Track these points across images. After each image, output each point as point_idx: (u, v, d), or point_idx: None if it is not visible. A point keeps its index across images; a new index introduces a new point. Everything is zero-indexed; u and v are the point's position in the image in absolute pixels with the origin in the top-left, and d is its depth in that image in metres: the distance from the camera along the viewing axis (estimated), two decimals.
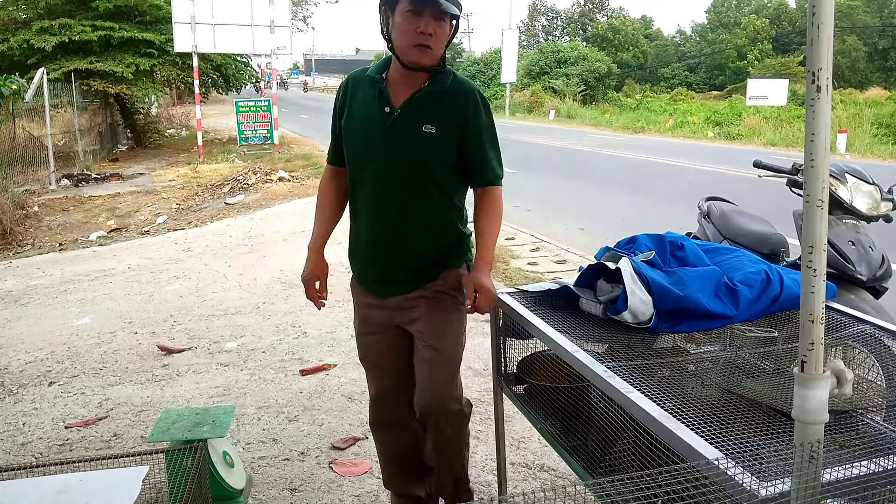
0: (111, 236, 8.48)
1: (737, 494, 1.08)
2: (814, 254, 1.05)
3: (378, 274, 2.22)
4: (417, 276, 2.17)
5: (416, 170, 2.07)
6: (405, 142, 2.05)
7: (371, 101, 2.09)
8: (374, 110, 2.07)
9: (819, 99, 1.01)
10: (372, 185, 2.11)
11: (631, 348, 1.75)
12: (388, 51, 2.09)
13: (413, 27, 1.95)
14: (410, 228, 2.12)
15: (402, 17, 1.97)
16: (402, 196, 2.09)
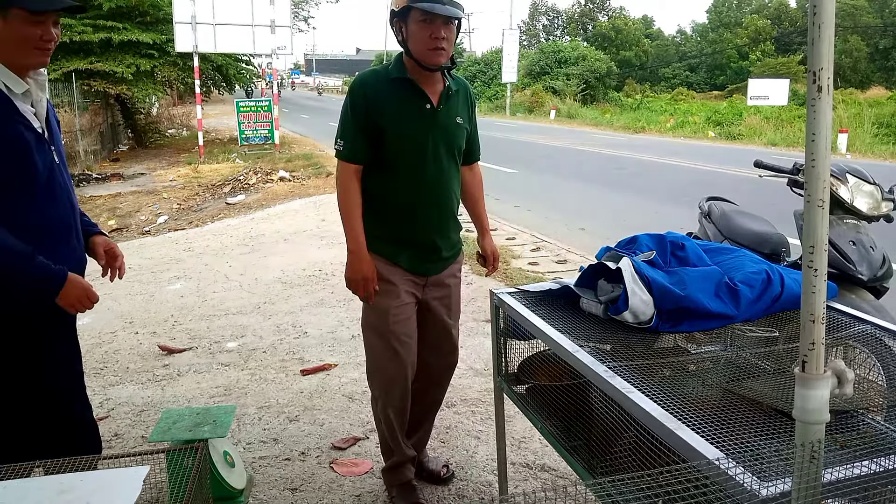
0: (112, 236, 8.48)
1: (737, 494, 1.08)
2: (814, 254, 1.05)
3: (423, 253, 2.49)
4: (449, 252, 2.55)
5: (453, 155, 2.46)
6: (449, 132, 2.42)
7: (408, 99, 2.36)
8: (415, 106, 2.36)
9: (820, 99, 1.01)
10: (422, 172, 2.39)
11: (632, 348, 1.75)
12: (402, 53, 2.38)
13: (427, 33, 2.24)
14: (449, 203, 2.49)
15: (416, 25, 2.26)
16: (444, 177, 2.45)
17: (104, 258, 2.30)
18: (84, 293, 1.97)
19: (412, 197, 2.42)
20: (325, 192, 10.32)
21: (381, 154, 2.38)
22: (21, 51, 1.90)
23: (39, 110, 2.01)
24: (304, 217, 8.66)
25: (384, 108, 2.34)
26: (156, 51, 15.98)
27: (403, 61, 2.37)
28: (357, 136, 2.36)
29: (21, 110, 1.93)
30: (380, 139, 2.35)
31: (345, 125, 2.39)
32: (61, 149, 2.12)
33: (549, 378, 2.02)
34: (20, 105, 1.93)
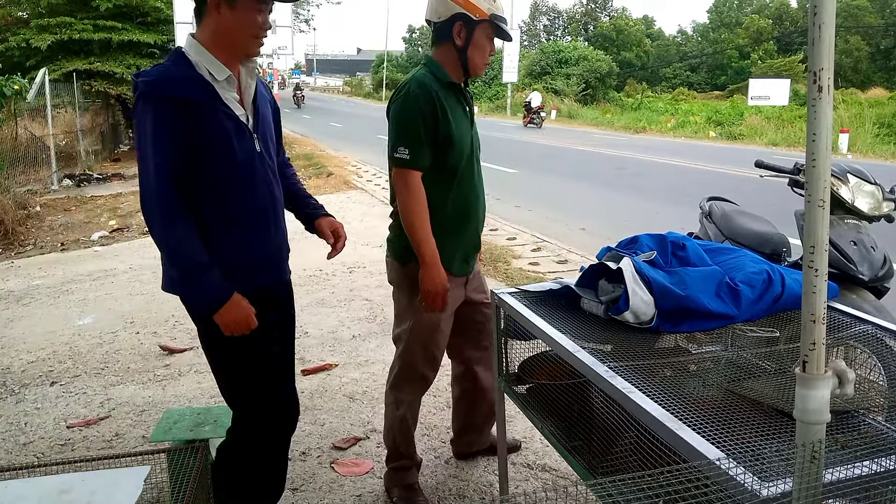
0: (113, 236, 8.48)
1: (738, 494, 1.08)
2: (815, 254, 1.05)
3: (471, 253, 2.56)
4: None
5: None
6: (477, 133, 2.55)
7: (459, 103, 2.45)
8: (463, 111, 2.46)
9: (821, 99, 1.01)
10: (474, 175, 2.49)
11: (632, 348, 1.75)
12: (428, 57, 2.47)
13: (489, 49, 2.43)
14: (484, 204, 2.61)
15: (485, 40, 2.40)
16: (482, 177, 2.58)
17: (331, 238, 2.26)
18: (243, 319, 1.90)
19: (469, 201, 2.48)
20: (326, 192, 10.33)
21: (445, 160, 2.37)
22: (243, 39, 1.91)
23: (246, 98, 1.98)
24: None
25: (450, 114, 2.36)
26: (157, 50, 15.98)
27: (442, 66, 2.40)
28: (424, 144, 2.31)
29: (223, 98, 1.89)
30: (447, 146, 2.35)
31: (410, 132, 2.30)
32: (268, 136, 2.06)
33: (549, 378, 2.02)
34: (222, 92, 1.89)
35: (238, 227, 1.95)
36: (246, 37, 1.91)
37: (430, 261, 2.32)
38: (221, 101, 1.89)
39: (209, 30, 1.92)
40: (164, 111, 1.79)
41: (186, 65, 1.88)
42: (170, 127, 1.79)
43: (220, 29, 1.89)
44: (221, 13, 1.88)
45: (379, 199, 9.72)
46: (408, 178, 2.31)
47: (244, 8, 1.88)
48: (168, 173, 1.79)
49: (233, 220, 1.93)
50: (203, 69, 1.88)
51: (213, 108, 1.86)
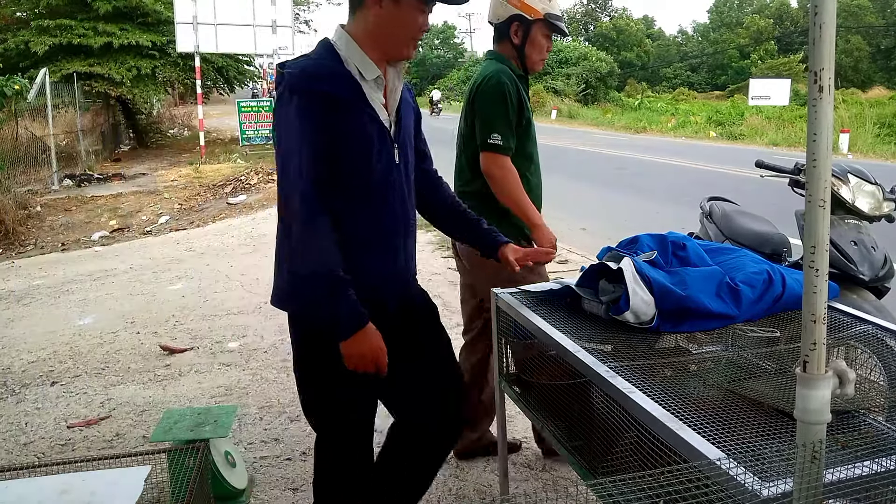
0: (113, 236, 8.49)
1: (739, 495, 1.08)
2: (816, 254, 1.05)
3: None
4: None
5: None
6: None
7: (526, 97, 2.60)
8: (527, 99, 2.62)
9: (821, 99, 1.00)
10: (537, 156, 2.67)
11: (633, 348, 1.75)
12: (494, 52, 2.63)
13: (546, 46, 2.59)
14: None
15: (542, 37, 2.56)
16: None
17: (517, 267, 2.06)
18: (374, 354, 1.69)
19: (540, 186, 2.69)
20: None
21: (524, 146, 2.56)
22: (402, 39, 1.76)
23: (391, 102, 1.81)
24: None
25: (526, 103, 2.56)
26: (157, 52, 15.98)
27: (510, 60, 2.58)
28: (513, 130, 2.49)
29: (369, 99, 1.73)
30: (526, 132, 2.56)
31: (501, 119, 2.46)
32: (408, 146, 1.87)
33: (549, 378, 2.02)
34: (369, 93, 1.73)
35: (370, 247, 1.77)
36: (405, 36, 1.75)
37: (540, 221, 2.51)
38: (367, 102, 1.73)
39: (365, 24, 1.74)
40: (312, 105, 1.64)
41: (335, 59, 1.72)
42: (317, 123, 1.64)
43: (379, 25, 1.72)
44: (383, 7, 1.71)
45: None
46: (502, 162, 2.47)
47: (408, 5, 1.72)
48: (315, 170, 1.63)
49: (366, 239, 1.76)
50: (352, 66, 1.72)
51: (359, 110, 1.71)
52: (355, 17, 1.76)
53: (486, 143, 2.45)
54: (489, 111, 2.47)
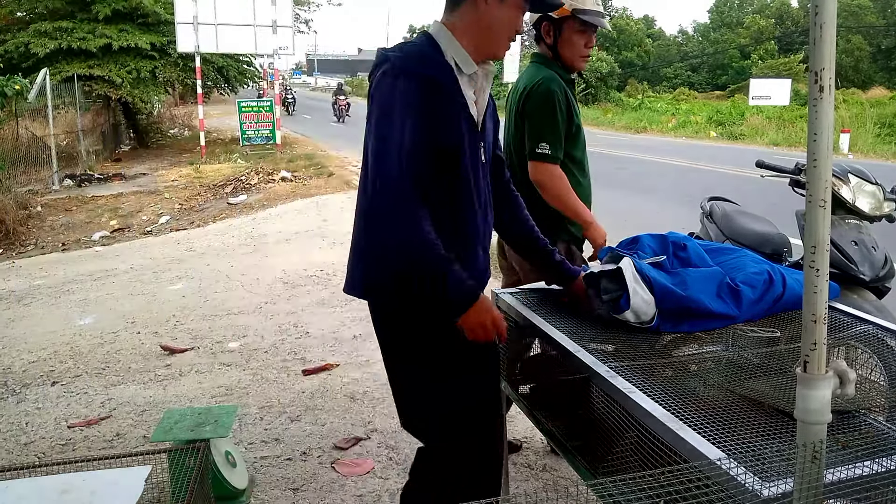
0: (114, 236, 8.49)
1: (739, 495, 1.08)
2: (816, 254, 1.05)
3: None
4: None
5: None
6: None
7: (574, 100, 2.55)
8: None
9: (822, 99, 1.00)
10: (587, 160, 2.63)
11: (634, 348, 1.75)
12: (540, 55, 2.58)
13: (583, 43, 2.48)
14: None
15: (574, 34, 2.46)
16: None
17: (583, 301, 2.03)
18: (492, 320, 1.69)
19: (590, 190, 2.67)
20: (327, 192, 10.33)
21: (573, 152, 2.53)
22: (501, 37, 1.75)
23: (480, 101, 1.79)
24: (306, 217, 8.66)
25: (574, 107, 2.52)
26: (157, 52, 15.98)
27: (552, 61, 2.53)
28: (561, 138, 2.47)
29: (464, 91, 1.73)
30: (575, 138, 2.53)
31: (551, 127, 2.44)
32: (489, 149, 1.86)
33: (550, 379, 2.02)
34: (464, 87, 1.73)
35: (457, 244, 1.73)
36: (504, 35, 1.75)
37: (592, 219, 2.54)
38: (462, 94, 1.71)
39: (466, 19, 1.72)
40: (418, 88, 1.62)
41: (436, 49, 1.71)
42: (421, 104, 1.61)
43: (481, 22, 1.71)
44: (489, 4, 1.70)
45: None
46: (551, 171, 2.47)
47: (513, 4, 1.72)
48: (414, 150, 1.60)
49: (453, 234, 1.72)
50: (451, 58, 1.70)
51: (457, 100, 1.70)
52: (456, 12, 1.74)
53: (535, 153, 2.44)
54: (538, 120, 2.44)
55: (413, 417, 1.89)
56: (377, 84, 1.68)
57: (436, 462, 1.86)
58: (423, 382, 1.82)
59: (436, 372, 1.78)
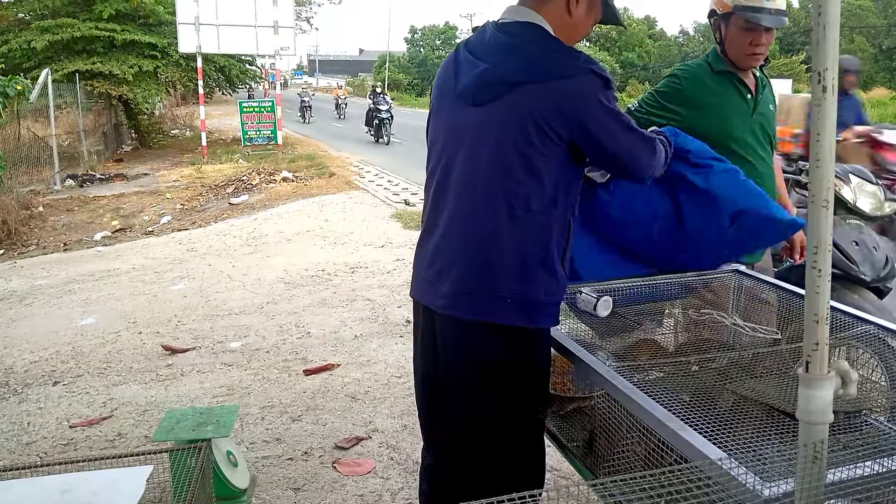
0: (115, 236, 8.50)
1: (740, 495, 1.08)
2: (818, 254, 1.05)
3: None
4: None
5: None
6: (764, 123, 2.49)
7: (731, 93, 2.44)
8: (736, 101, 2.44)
9: (825, 99, 1.00)
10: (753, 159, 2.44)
11: (634, 349, 1.75)
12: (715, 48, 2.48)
13: (748, 41, 2.34)
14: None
15: (737, 31, 2.36)
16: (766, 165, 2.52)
17: None
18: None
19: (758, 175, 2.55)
20: (328, 192, 10.33)
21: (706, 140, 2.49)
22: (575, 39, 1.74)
23: None
24: (307, 217, 8.67)
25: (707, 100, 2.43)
26: (158, 52, 16.00)
27: (720, 56, 2.46)
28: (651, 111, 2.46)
29: None
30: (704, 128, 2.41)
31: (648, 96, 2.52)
32: None
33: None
34: None
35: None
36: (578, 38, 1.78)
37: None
38: None
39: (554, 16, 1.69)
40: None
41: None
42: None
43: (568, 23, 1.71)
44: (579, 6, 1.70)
45: (380, 200, 9.72)
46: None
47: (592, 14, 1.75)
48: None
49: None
50: None
51: None
52: (546, 7, 1.68)
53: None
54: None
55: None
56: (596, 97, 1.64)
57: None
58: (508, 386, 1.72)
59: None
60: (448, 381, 1.75)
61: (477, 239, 1.63)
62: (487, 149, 1.61)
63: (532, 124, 1.56)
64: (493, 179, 1.61)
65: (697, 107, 2.39)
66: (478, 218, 1.63)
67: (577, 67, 1.58)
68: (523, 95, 1.57)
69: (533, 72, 1.57)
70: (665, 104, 2.44)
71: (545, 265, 1.63)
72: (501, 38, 1.65)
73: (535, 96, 1.56)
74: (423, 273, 1.76)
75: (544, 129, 1.57)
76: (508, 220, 1.60)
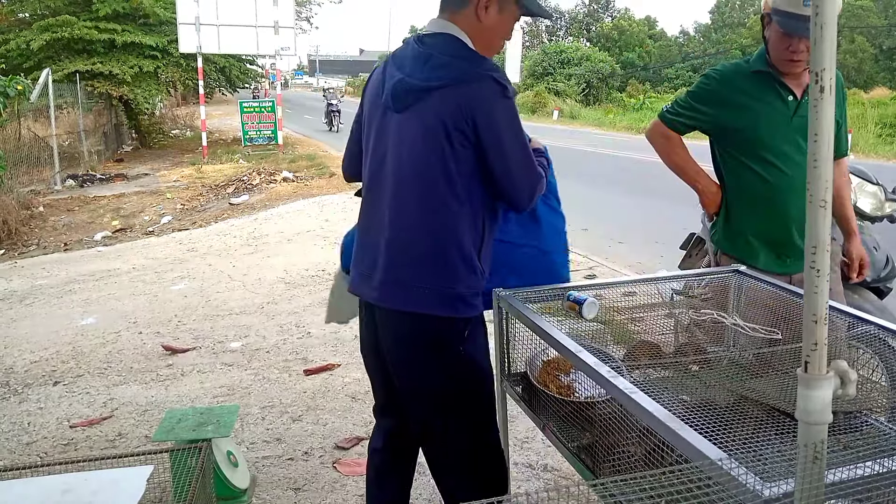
0: (116, 236, 8.50)
1: (740, 495, 1.08)
2: (817, 254, 1.04)
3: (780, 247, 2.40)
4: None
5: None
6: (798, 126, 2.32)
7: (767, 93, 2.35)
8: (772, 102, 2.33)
9: (822, 99, 1.00)
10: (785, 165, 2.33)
11: (635, 349, 1.75)
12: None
13: (784, 46, 2.23)
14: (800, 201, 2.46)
15: (775, 34, 2.26)
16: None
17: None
18: None
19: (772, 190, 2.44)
20: (329, 192, 10.33)
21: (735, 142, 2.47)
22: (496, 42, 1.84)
23: None
24: (308, 217, 8.67)
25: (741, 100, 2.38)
26: (159, 52, 16.00)
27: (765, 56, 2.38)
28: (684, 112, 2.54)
29: None
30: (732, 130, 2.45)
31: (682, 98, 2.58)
32: None
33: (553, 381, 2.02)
34: None
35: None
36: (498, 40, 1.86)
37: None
38: None
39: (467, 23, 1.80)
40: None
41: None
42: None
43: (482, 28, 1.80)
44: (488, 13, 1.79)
45: None
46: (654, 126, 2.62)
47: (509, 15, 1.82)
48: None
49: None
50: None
51: None
52: (458, 14, 1.79)
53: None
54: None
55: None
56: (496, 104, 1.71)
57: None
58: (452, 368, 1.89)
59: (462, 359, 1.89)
60: (392, 370, 1.93)
61: (401, 235, 1.78)
62: (407, 152, 1.75)
63: (441, 128, 1.69)
64: (413, 180, 1.75)
65: (726, 108, 2.36)
66: (401, 216, 1.78)
67: (479, 74, 1.69)
68: (433, 101, 1.70)
69: (440, 77, 1.70)
70: (694, 104, 2.44)
71: (464, 260, 1.76)
72: (419, 49, 1.78)
73: (442, 101, 1.69)
74: (358, 267, 1.92)
75: (451, 132, 1.69)
76: (427, 217, 1.75)
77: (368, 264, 1.86)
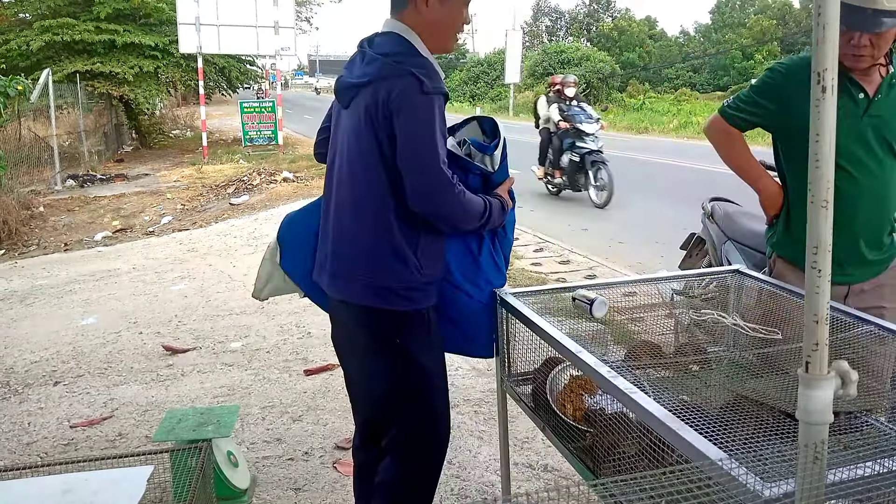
0: (116, 237, 8.50)
1: (741, 495, 1.08)
2: (818, 254, 1.04)
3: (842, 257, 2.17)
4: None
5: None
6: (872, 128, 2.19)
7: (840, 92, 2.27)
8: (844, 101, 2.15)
9: (824, 99, 1.00)
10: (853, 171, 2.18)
11: (635, 349, 1.75)
12: None
13: (846, 40, 2.09)
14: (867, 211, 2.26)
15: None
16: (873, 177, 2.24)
17: None
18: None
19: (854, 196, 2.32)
20: None
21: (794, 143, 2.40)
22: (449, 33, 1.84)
23: None
24: None
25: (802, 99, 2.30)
26: (159, 52, 16.01)
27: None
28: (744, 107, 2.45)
29: None
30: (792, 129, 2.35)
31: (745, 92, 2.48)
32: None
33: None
34: None
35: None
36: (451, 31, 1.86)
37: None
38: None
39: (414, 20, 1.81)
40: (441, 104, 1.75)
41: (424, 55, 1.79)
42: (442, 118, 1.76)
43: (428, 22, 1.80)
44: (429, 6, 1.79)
45: None
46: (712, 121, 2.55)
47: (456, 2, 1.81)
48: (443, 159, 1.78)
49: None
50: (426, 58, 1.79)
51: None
52: (404, 12, 1.80)
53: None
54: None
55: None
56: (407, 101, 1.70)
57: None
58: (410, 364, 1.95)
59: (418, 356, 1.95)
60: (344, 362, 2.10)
61: (343, 226, 1.86)
62: (348, 145, 1.83)
63: (370, 122, 1.73)
64: (353, 175, 1.82)
65: (791, 104, 2.22)
66: (344, 207, 1.86)
67: (400, 70, 1.71)
68: (363, 96, 1.76)
69: (367, 74, 1.75)
70: (756, 99, 2.34)
71: (394, 253, 1.79)
72: (366, 49, 1.83)
73: (369, 96, 1.73)
74: (318, 256, 2.02)
75: (378, 126, 1.72)
76: (362, 209, 1.81)
77: (324, 254, 1.95)
